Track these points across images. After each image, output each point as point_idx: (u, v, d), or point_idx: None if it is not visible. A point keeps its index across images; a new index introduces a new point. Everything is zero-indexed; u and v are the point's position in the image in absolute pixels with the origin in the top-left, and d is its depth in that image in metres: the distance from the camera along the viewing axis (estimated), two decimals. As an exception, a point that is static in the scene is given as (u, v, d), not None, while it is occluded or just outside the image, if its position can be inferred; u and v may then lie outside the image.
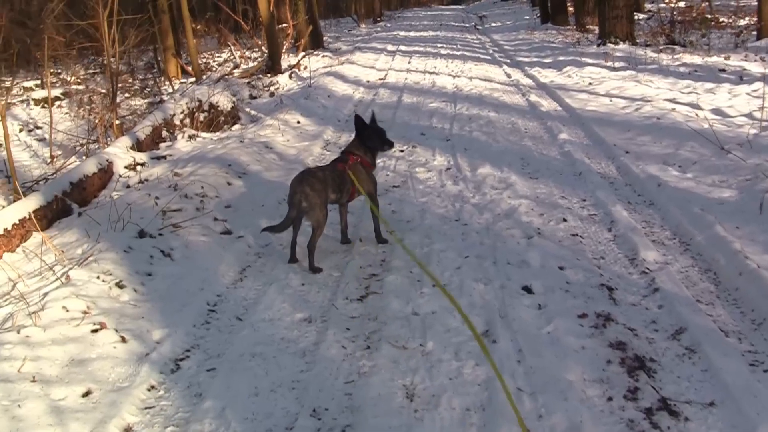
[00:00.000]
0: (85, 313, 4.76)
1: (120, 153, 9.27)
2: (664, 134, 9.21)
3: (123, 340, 4.56)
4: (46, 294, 4.95)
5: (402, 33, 29.84)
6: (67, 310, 4.74)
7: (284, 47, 21.95)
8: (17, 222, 6.49)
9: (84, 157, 10.35)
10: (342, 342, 4.61)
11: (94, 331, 4.58)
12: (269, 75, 17.89)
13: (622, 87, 13.09)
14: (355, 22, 39.38)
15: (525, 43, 23.21)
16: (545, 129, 10.48)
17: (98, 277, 5.25)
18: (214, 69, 21.37)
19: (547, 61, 18.12)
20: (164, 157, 9.81)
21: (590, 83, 14.12)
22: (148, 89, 18.18)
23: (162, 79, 20.66)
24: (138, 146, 9.93)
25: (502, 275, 5.46)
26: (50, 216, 7.10)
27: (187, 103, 11.78)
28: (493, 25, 33.26)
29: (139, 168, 9.24)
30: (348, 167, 6.07)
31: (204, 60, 24.43)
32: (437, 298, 5.12)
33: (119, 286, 5.24)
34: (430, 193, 7.63)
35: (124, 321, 4.79)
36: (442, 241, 6.25)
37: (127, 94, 17.69)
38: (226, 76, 17.56)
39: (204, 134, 11.07)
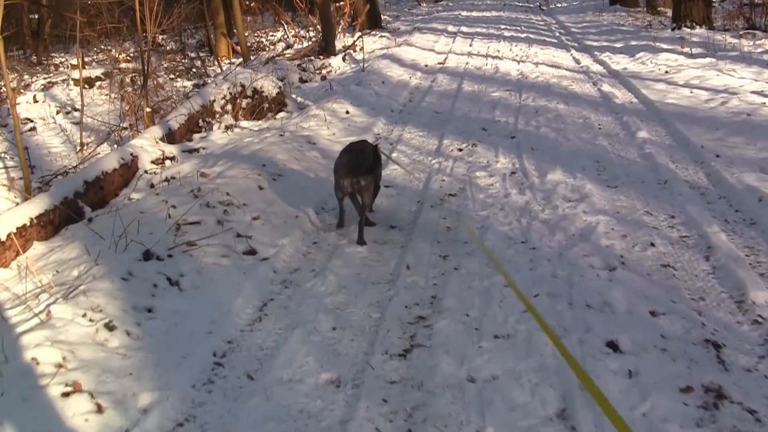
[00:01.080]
0: (59, 366, 3.81)
1: (147, 145, 8.37)
2: (758, 134, 8.05)
3: (99, 408, 3.56)
4: (18, 336, 4.02)
5: (464, 13, 28.54)
6: (38, 363, 3.80)
7: (340, 27, 21.00)
8: (15, 231, 5.63)
9: (115, 146, 9.53)
10: (376, 421, 3.57)
11: (65, 394, 3.62)
12: (321, 57, 16.93)
13: (702, 77, 11.83)
14: (416, 1, 38.17)
15: (593, 25, 21.82)
16: (621, 125, 9.31)
17: (84, 315, 4.31)
18: (267, 49, 20.45)
19: (617, 45, 16.80)
20: (197, 150, 8.90)
21: (667, 71, 12.87)
22: (195, 69, 17.29)
23: (212, 58, 19.86)
24: (170, 137, 9.04)
25: (580, 324, 4.38)
26: (57, 222, 6.21)
27: (228, 88, 10.89)
28: (559, 6, 31.70)
29: (168, 163, 8.35)
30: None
31: (258, 39, 23.57)
32: (499, 356, 4.08)
33: (108, 327, 4.27)
34: (492, 205, 6.56)
35: (106, 379, 3.81)
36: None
37: (172, 75, 16.91)
38: (277, 58, 16.64)
39: (245, 123, 10.15)
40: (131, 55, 20.85)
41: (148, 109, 9.97)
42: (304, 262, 5.55)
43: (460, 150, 8.44)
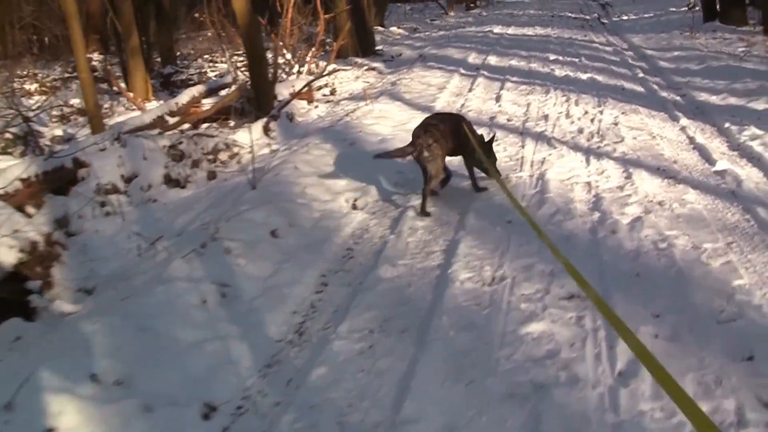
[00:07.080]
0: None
1: None
2: None
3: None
4: None
5: (497, 29, 21.06)
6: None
7: (310, 54, 14.02)
8: None
9: None
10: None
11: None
12: (241, 120, 9.85)
13: None
14: (442, 10, 31.17)
15: (691, 55, 13.85)
16: None
17: None
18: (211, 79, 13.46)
19: (760, 107, 9.02)
20: None
21: None
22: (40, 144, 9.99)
23: (115, 103, 13.13)
24: None
25: None
26: None
27: None
28: (625, 18, 23.39)
29: None
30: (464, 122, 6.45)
31: (203, 69, 16.74)
32: None
33: None
34: None
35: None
36: None
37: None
38: (157, 121, 9.48)
39: None
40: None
41: None
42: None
43: None
